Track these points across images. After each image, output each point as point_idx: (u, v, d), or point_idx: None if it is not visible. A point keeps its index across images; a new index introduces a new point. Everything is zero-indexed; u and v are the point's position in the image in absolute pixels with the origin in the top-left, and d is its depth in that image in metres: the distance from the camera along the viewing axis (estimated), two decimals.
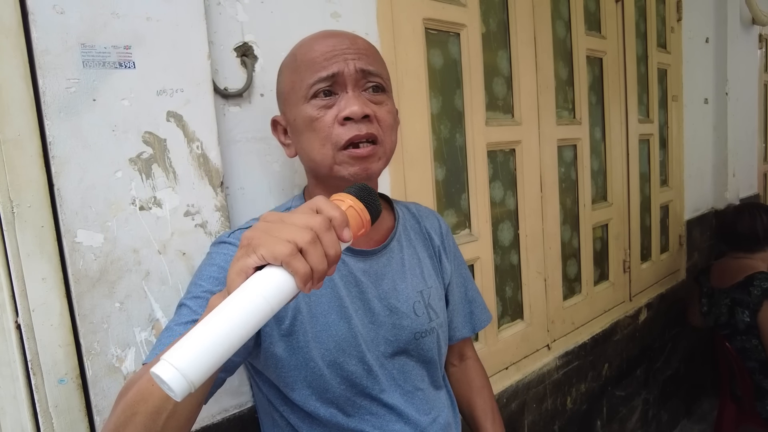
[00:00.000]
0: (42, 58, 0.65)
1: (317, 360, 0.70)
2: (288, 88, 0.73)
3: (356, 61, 0.69)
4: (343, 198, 0.51)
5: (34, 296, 0.67)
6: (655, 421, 2.24)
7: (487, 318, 0.98)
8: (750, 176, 3.12)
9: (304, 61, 0.70)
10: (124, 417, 0.51)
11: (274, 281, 0.43)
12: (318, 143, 0.70)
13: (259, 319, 0.42)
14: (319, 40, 0.71)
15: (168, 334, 0.61)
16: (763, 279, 1.80)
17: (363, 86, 0.70)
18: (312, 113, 0.69)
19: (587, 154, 1.77)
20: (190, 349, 0.39)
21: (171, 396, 0.39)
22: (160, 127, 0.75)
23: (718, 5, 2.65)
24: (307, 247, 0.44)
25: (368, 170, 0.70)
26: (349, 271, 0.75)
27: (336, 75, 0.68)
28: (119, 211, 0.72)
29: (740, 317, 1.84)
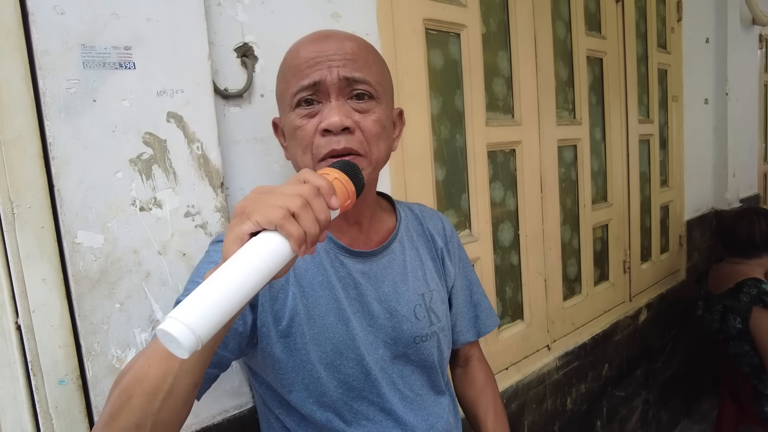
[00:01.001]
0: (42, 59, 0.65)
1: (315, 362, 0.70)
2: (279, 94, 0.73)
3: (340, 68, 0.67)
4: (329, 171, 0.55)
5: (35, 297, 0.67)
6: (655, 421, 2.24)
7: (493, 322, 0.96)
8: (750, 176, 3.12)
9: (290, 67, 0.69)
10: (120, 402, 0.51)
11: (270, 244, 0.45)
12: (300, 152, 0.69)
13: (259, 279, 0.44)
14: (306, 45, 0.69)
15: None
16: (752, 286, 1.80)
17: (348, 94, 0.68)
18: (295, 122, 0.68)
19: (587, 154, 1.77)
20: (195, 305, 0.40)
21: (179, 354, 0.39)
22: (161, 127, 0.75)
23: (718, 5, 2.65)
24: (299, 212, 0.46)
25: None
26: (347, 273, 0.75)
27: (318, 83, 0.66)
28: (119, 212, 0.72)
29: (732, 324, 1.84)
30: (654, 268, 2.22)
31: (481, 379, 0.96)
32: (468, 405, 0.95)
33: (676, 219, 2.38)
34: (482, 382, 0.96)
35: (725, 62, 2.65)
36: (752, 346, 1.81)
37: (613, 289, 1.94)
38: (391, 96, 0.77)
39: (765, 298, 1.74)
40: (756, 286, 1.79)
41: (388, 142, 0.74)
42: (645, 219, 2.17)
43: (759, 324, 1.76)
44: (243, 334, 0.66)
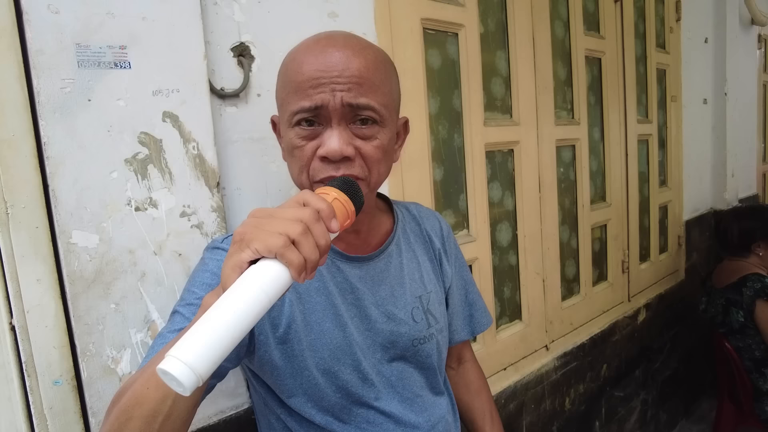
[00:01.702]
0: (36, 58, 0.65)
1: (312, 368, 0.70)
2: (279, 101, 0.69)
3: (344, 93, 0.62)
4: (328, 191, 0.54)
5: (29, 297, 0.66)
6: (653, 421, 2.24)
7: (487, 321, 0.96)
8: (749, 176, 3.12)
9: (292, 81, 0.64)
10: (119, 423, 0.51)
11: (269, 273, 0.44)
12: (297, 169, 0.67)
13: (259, 311, 0.43)
14: (310, 58, 0.63)
15: (161, 341, 0.60)
16: (755, 280, 1.84)
17: (351, 119, 0.64)
18: (294, 141, 0.65)
19: (586, 154, 1.77)
20: (195, 342, 0.40)
21: (180, 392, 0.39)
22: (156, 127, 0.75)
23: (717, 5, 2.65)
24: (299, 239, 0.45)
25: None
26: (344, 278, 0.74)
27: (320, 108, 0.62)
28: (115, 212, 0.71)
29: (735, 317, 1.87)
30: (653, 269, 2.22)
31: (476, 382, 0.97)
32: (464, 409, 0.95)
33: (674, 219, 2.38)
34: (477, 386, 0.97)
35: (724, 62, 2.65)
36: (754, 339, 1.83)
37: (611, 289, 1.94)
38: (398, 110, 0.74)
39: None
40: (760, 281, 1.82)
41: (389, 163, 0.72)
42: (644, 219, 2.17)
43: (762, 317, 1.79)
44: (242, 344, 0.65)
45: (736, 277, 1.91)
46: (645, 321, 2.11)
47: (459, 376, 0.97)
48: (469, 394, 0.95)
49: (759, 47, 3.24)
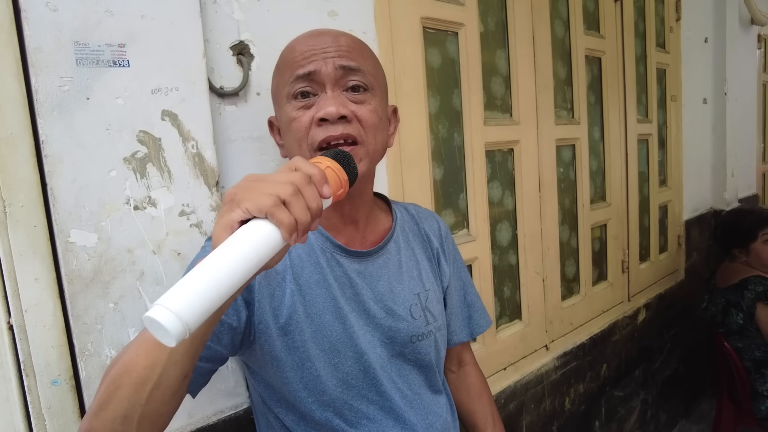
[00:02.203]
0: (35, 56, 0.65)
1: (314, 360, 0.70)
2: (274, 89, 0.73)
3: (336, 58, 0.67)
4: (321, 160, 0.54)
5: (27, 297, 0.66)
6: (653, 421, 2.23)
7: (486, 323, 0.96)
8: (749, 176, 3.12)
9: (285, 61, 0.70)
10: (108, 393, 0.51)
11: (260, 232, 0.44)
12: (296, 144, 0.69)
13: (249, 268, 0.43)
14: (301, 40, 0.70)
15: None
16: (757, 283, 1.85)
17: (344, 85, 0.68)
18: (291, 114, 0.68)
19: (586, 154, 1.77)
20: (183, 292, 0.39)
21: (166, 342, 0.39)
22: (155, 126, 0.74)
23: (717, 5, 2.65)
24: (290, 199, 0.45)
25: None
26: (343, 272, 0.74)
27: (313, 74, 0.67)
28: (113, 211, 0.71)
29: (734, 319, 1.87)
30: (653, 268, 2.22)
31: (477, 386, 0.96)
32: (465, 413, 0.95)
33: (674, 219, 2.38)
34: (478, 389, 0.96)
35: (724, 62, 2.65)
36: (754, 340, 1.84)
37: (611, 289, 1.94)
38: (386, 93, 0.77)
39: None
40: (762, 284, 1.83)
41: (384, 135, 0.75)
42: (644, 219, 2.17)
43: (763, 319, 1.80)
44: (237, 330, 0.66)
45: (737, 278, 1.92)
46: (645, 321, 2.11)
47: (460, 380, 0.96)
48: (470, 398, 0.95)
49: (759, 47, 3.24)
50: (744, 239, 1.97)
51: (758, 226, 1.95)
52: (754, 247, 1.94)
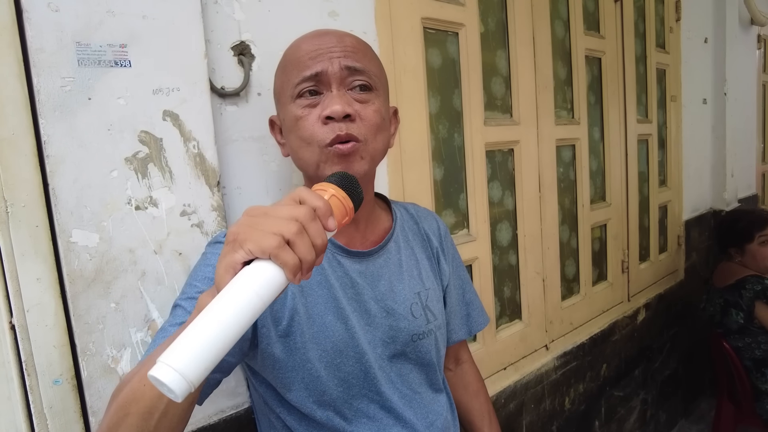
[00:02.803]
0: (37, 57, 0.65)
1: (314, 361, 0.70)
2: (278, 88, 0.73)
3: (341, 58, 0.68)
4: (326, 187, 0.52)
5: (29, 296, 0.66)
6: (653, 421, 2.24)
7: (484, 321, 0.97)
8: (749, 176, 3.13)
9: (291, 60, 0.70)
10: (117, 418, 0.51)
11: (263, 275, 0.43)
12: (303, 142, 0.69)
13: (253, 314, 0.42)
14: (307, 39, 0.71)
15: (162, 335, 0.60)
16: (755, 282, 1.88)
17: (349, 85, 0.69)
18: (297, 112, 0.69)
19: (586, 154, 1.77)
20: (186, 348, 0.39)
21: (172, 398, 0.39)
22: (156, 126, 0.75)
23: (716, 6, 2.65)
24: (294, 239, 0.44)
25: (351, 169, 0.69)
26: (344, 273, 0.75)
27: (320, 74, 0.67)
28: (115, 211, 0.71)
29: (734, 318, 1.88)
30: (652, 268, 2.22)
31: (474, 384, 0.97)
32: (462, 410, 0.96)
33: (674, 219, 2.38)
34: (476, 387, 0.97)
35: (723, 62, 2.65)
36: (754, 339, 1.85)
37: (611, 289, 1.94)
38: (388, 94, 0.78)
39: None
40: (760, 283, 1.85)
41: (386, 135, 0.75)
42: (643, 219, 2.17)
43: (764, 317, 1.83)
44: (245, 338, 0.66)
45: (734, 278, 1.95)
46: (645, 321, 2.11)
47: (457, 378, 0.97)
48: (467, 395, 0.95)
49: (759, 47, 3.25)
50: (740, 240, 1.99)
51: (755, 228, 1.96)
52: (750, 248, 1.96)
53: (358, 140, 0.68)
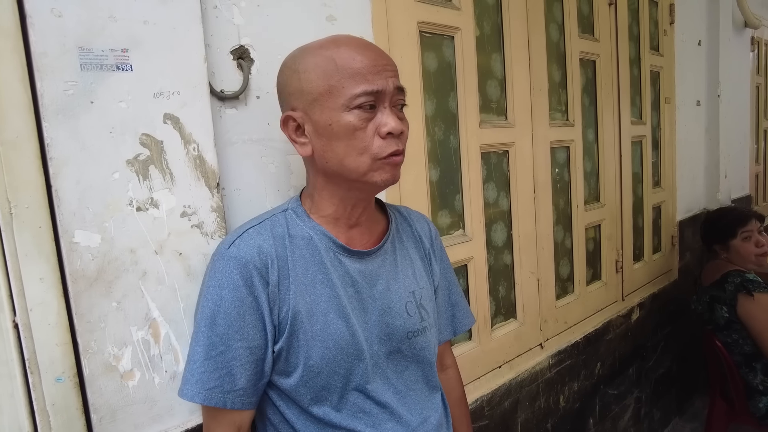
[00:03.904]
0: (40, 61, 0.66)
1: (316, 358, 0.72)
2: (322, 90, 0.71)
3: (394, 79, 0.73)
4: None
5: (32, 296, 0.68)
6: (647, 419, 2.26)
7: (470, 321, 1.00)
8: (742, 177, 3.16)
9: (346, 68, 0.70)
10: None
11: None
12: (356, 151, 0.72)
13: None
14: (359, 50, 0.72)
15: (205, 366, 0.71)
16: (736, 276, 1.92)
17: (394, 103, 0.74)
18: (355, 122, 0.70)
19: (580, 155, 1.79)
20: None
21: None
22: (157, 129, 0.76)
23: (710, 9, 2.68)
24: None
25: (396, 177, 0.76)
26: (345, 271, 0.77)
27: (380, 92, 0.71)
28: (116, 212, 0.73)
29: (720, 313, 1.93)
30: (646, 268, 2.24)
31: (458, 390, 1.01)
32: None
33: (668, 219, 2.41)
34: (458, 394, 1.01)
35: (717, 64, 2.68)
36: (741, 334, 1.88)
37: (605, 288, 1.96)
38: None
39: (748, 285, 1.85)
40: (740, 276, 1.90)
41: None
42: (637, 219, 2.20)
43: (745, 310, 1.86)
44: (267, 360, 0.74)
45: (719, 274, 1.99)
46: (639, 320, 2.13)
47: (442, 383, 0.98)
48: (450, 401, 0.98)
49: (752, 49, 3.28)
50: (724, 237, 2.03)
51: (737, 224, 2.00)
52: (734, 244, 2.00)
53: (403, 154, 0.74)
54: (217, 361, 0.70)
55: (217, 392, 0.70)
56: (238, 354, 0.70)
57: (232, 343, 0.70)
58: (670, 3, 2.31)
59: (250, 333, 0.71)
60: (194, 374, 0.70)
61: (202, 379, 0.70)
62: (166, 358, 0.78)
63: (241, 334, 0.70)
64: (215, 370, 0.70)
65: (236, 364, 0.71)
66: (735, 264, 2.00)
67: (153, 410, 0.77)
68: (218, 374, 0.70)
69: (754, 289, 1.84)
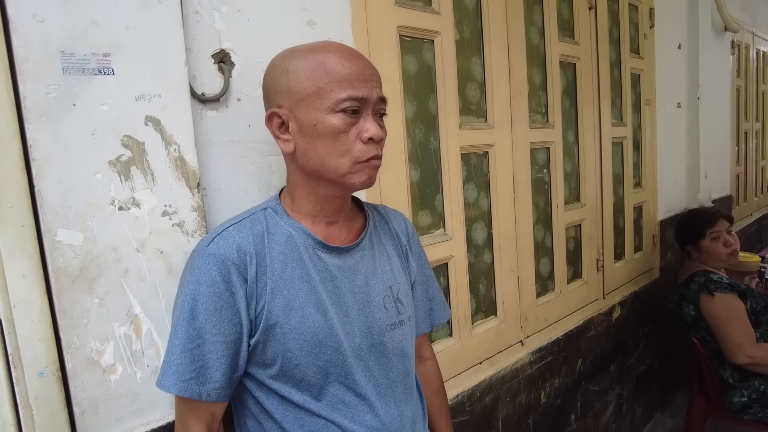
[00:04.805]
0: (23, 65, 0.68)
1: (294, 351, 0.75)
2: (310, 91, 0.74)
3: (377, 89, 0.77)
4: None
5: (15, 292, 0.70)
6: (629, 415, 2.31)
7: (446, 315, 1.04)
8: (723, 178, 3.22)
9: (335, 73, 0.74)
10: None
11: None
12: (337, 153, 0.75)
13: None
14: (349, 58, 0.76)
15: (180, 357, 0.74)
16: (701, 276, 1.98)
17: (376, 111, 0.78)
18: (339, 125, 0.74)
19: (560, 156, 1.83)
20: None
21: None
22: (139, 131, 0.78)
23: (690, 13, 2.73)
24: None
25: (373, 179, 0.80)
26: (324, 267, 0.80)
27: (364, 99, 0.75)
28: (99, 211, 0.75)
29: (687, 311, 1.99)
30: (627, 267, 2.29)
31: (436, 381, 1.05)
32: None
33: (649, 219, 2.46)
34: (436, 385, 1.04)
35: (697, 67, 2.73)
36: (707, 332, 1.95)
37: (586, 286, 2.00)
38: None
39: (710, 286, 1.92)
40: (704, 276, 1.97)
41: None
42: (618, 219, 2.24)
43: (707, 309, 1.93)
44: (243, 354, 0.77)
45: (688, 274, 2.06)
46: (620, 318, 2.18)
47: (421, 374, 1.02)
48: (428, 391, 1.01)
49: (732, 52, 3.35)
50: (694, 237, 2.08)
51: (705, 225, 2.07)
52: (703, 245, 2.06)
53: (381, 158, 0.80)
54: (193, 353, 0.73)
55: (192, 384, 0.72)
56: (214, 348, 0.73)
57: (208, 337, 0.73)
58: (650, 7, 2.37)
59: (226, 327, 0.74)
60: (171, 366, 0.72)
61: (178, 371, 0.72)
62: (147, 353, 0.81)
63: (218, 329, 0.73)
64: (191, 363, 0.72)
65: (212, 357, 0.73)
66: (706, 264, 2.06)
67: (135, 404, 0.80)
68: (194, 366, 0.72)
69: (716, 289, 1.90)
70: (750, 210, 3.88)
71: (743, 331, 1.86)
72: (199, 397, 0.73)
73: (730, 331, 1.86)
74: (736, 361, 1.87)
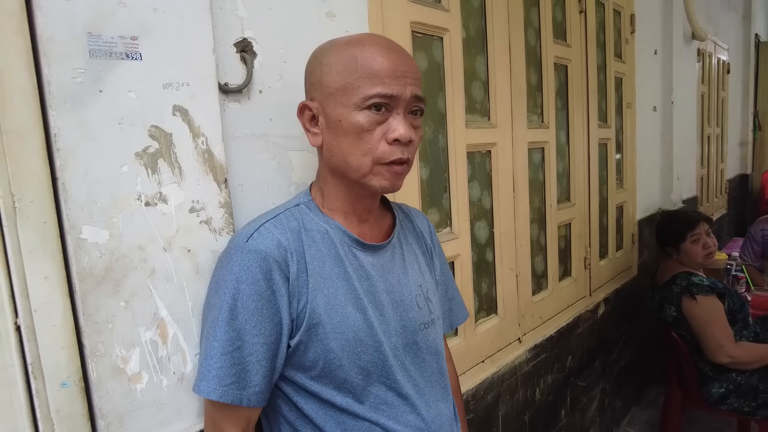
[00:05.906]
0: (47, 46, 0.62)
1: (336, 351, 0.72)
2: (339, 86, 0.71)
3: (412, 86, 0.72)
4: None
5: (36, 295, 0.63)
6: (610, 408, 2.38)
7: (464, 315, 1.03)
8: (690, 180, 3.37)
9: (366, 68, 0.70)
10: None
11: None
12: (360, 151, 0.72)
13: None
14: (383, 52, 0.71)
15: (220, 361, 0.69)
16: (683, 278, 2.03)
17: (409, 110, 0.73)
18: (363, 123, 0.70)
19: (554, 156, 1.86)
20: None
21: None
22: (166, 121, 0.73)
23: (665, 20, 2.84)
24: None
25: (396, 186, 0.75)
26: (360, 265, 0.78)
27: (394, 96, 0.70)
28: (125, 207, 0.69)
29: (668, 312, 2.05)
30: (610, 265, 2.36)
31: (454, 382, 1.02)
32: None
33: (629, 218, 2.53)
34: (455, 386, 1.02)
35: (671, 73, 2.85)
36: (687, 332, 2.02)
37: (575, 284, 2.05)
38: None
39: (692, 289, 1.97)
40: (686, 279, 2.02)
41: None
42: (603, 218, 2.30)
43: (689, 311, 1.99)
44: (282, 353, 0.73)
45: (669, 275, 2.11)
46: (604, 314, 2.24)
47: None
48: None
49: (698, 60, 3.50)
50: (675, 240, 2.15)
51: (686, 228, 2.13)
52: (684, 247, 2.12)
53: (408, 163, 0.74)
54: (233, 356, 0.68)
55: (233, 389, 0.68)
56: (254, 350, 0.69)
57: (248, 338, 0.69)
58: (631, 13, 2.44)
59: (267, 328, 0.70)
60: (211, 370, 0.68)
61: (218, 375, 0.68)
62: (174, 360, 0.75)
63: (258, 329, 0.69)
64: (231, 366, 0.68)
65: (252, 360, 0.69)
66: (685, 265, 2.13)
67: (161, 414, 0.74)
68: (234, 370, 0.68)
69: (698, 292, 1.96)
70: (711, 210, 4.07)
71: (724, 333, 1.93)
72: (240, 402, 0.68)
73: (713, 332, 1.92)
74: (718, 360, 1.94)
